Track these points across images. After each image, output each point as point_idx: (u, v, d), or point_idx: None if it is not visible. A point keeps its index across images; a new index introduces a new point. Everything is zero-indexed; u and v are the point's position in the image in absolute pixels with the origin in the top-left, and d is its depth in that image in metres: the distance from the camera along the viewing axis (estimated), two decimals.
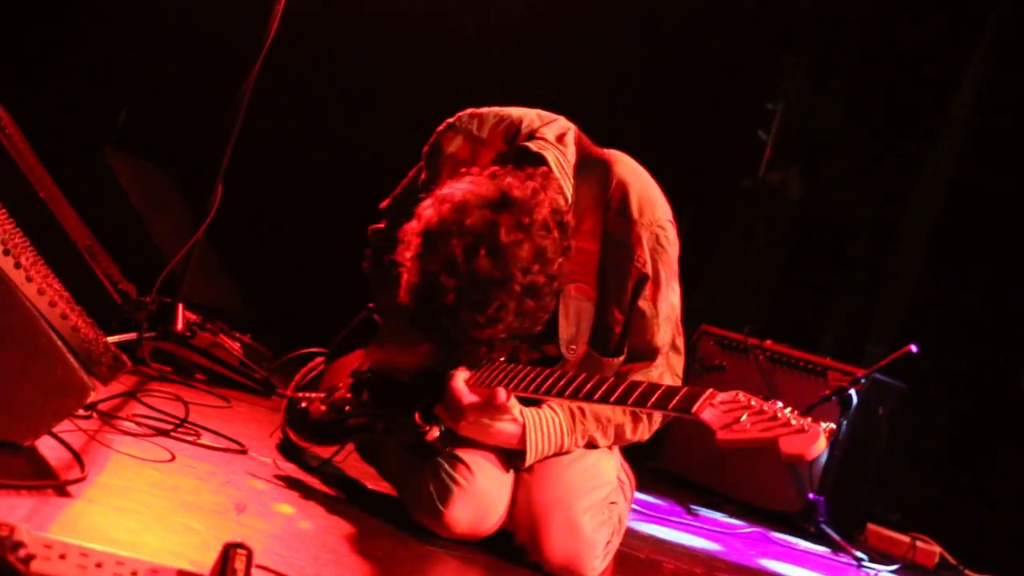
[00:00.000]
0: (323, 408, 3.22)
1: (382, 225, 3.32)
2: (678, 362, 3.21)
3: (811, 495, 5.81)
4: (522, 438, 2.95)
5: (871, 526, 6.32)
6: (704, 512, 5.45)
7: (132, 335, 4.04)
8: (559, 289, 2.85)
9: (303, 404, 3.27)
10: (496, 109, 3.15)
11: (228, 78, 4.63)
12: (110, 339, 2.58)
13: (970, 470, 7.14)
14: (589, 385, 2.68)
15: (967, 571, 6.23)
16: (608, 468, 3.14)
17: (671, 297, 3.10)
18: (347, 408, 3.17)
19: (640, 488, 3.45)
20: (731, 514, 5.64)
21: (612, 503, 3.12)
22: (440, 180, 2.98)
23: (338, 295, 3.37)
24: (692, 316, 6.22)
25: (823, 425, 2.36)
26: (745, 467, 5.91)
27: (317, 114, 6.63)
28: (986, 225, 7.67)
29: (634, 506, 3.45)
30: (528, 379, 2.81)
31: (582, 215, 3.01)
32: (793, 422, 2.35)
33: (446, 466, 2.97)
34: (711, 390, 2.46)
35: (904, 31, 7.96)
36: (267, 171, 6.12)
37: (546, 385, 2.78)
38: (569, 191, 2.97)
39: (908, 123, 8.12)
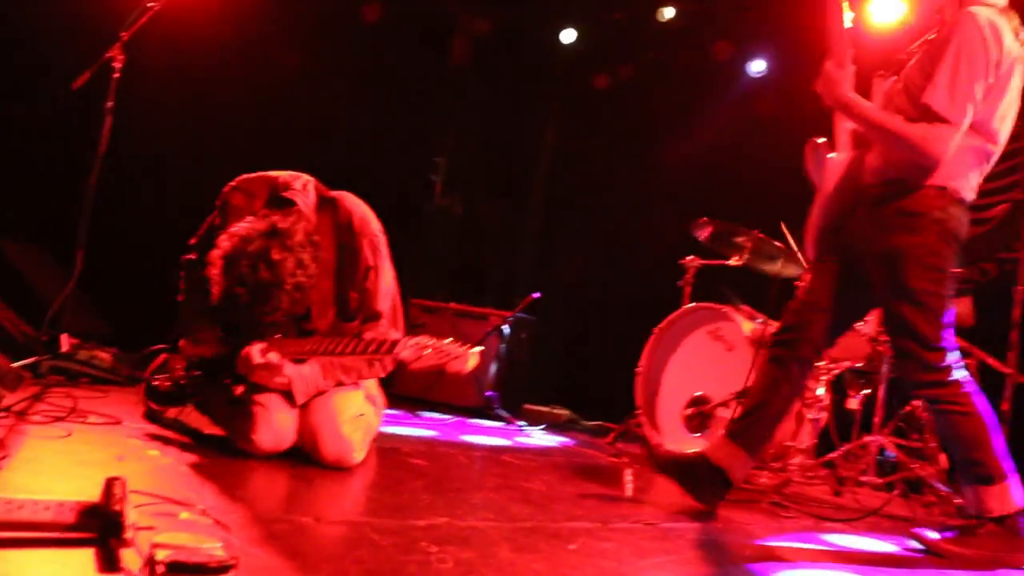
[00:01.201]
0: (168, 384, 3.16)
1: (193, 256, 3.28)
2: (399, 319, 3.29)
3: (488, 392, 5.97)
4: (291, 384, 2.98)
5: (526, 405, 6.53)
6: (425, 414, 5.49)
7: (34, 359, 3.86)
8: (315, 284, 2.96)
9: (155, 383, 3.20)
10: (263, 173, 3.21)
11: (82, 171, 4.39)
12: (16, 364, 2.48)
13: (575, 363, 7.45)
14: (334, 346, 2.77)
15: (583, 421, 6.52)
16: (355, 395, 3.19)
17: (387, 278, 3.20)
18: (183, 382, 3.13)
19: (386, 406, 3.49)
20: (442, 412, 5.69)
21: (361, 415, 3.18)
22: (229, 223, 3.00)
23: (172, 313, 3.31)
24: (403, 290, 6.23)
25: (471, 349, 2.50)
26: (445, 381, 5.90)
27: (156, 180, 6.34)
28: (564, 214, 7.99)
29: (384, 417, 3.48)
30: (297, 346, 2.93)
31: (323, 234, 3.07)
32: (451, 351, 2.47)
33: (251, 409, 2.97)
34: (402, 338, 2.58)
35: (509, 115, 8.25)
36: (120, 228, 5.82)
37: (307, 348, 2.86)
38: (313, 219, 3.02)
39: (519, 163, 8.45)
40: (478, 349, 2.59)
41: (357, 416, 3.14)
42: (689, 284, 5.58)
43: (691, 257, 5.60)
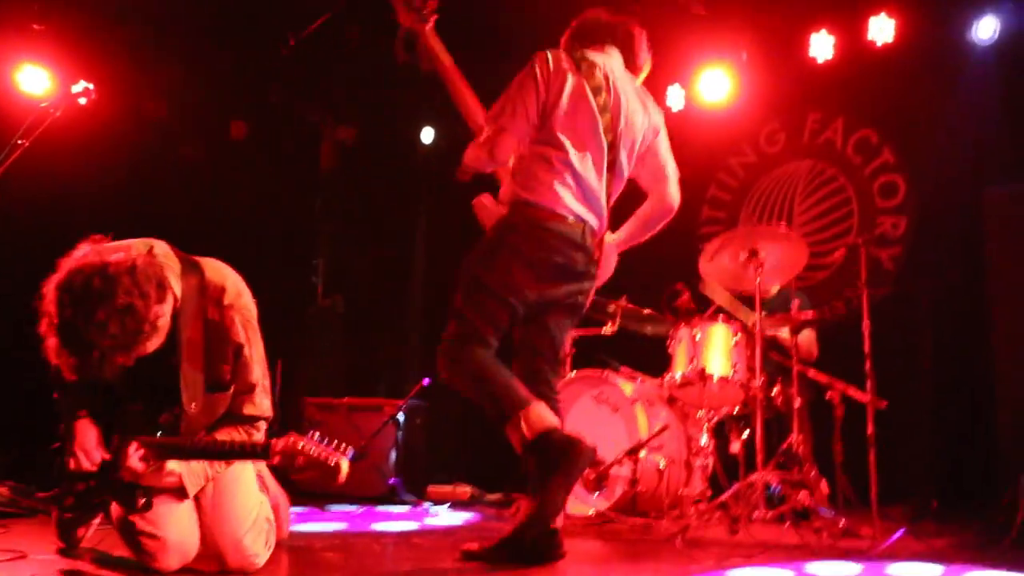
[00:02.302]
0: (71, 501, 2.85)
1: None
2: (267, 383, 3.04)
3: (392, 480, 5.88)
4: (181, 480, 2.82)
5: (430, 487, 6.44)
6: (332, 507, 5.36)
7: None
8: (155, 328, 2.58)
9: (64, 511, 2.86)
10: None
11: None
12: None
13: (471, 440, 7.40)
14: (205, 446, 2.72)
15: (486, 495, 6.48)
16: (254, 501, 3.03)
17: (258, 349, 2.97)
18: (69, 502, 2.84)
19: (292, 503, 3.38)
20: (348, 503, 5.56)
21: (266, 518, 3.06)
22: None
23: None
24: (297, 392, 6.15)
25: (342, 458, 2.49)
26: (349, 474, 5.84)
27: None
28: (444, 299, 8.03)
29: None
30: (173, 447, 2.75)
31: (189, 313, 2.76)
32: (323, 460, 2.47)
33: (146, 536, 2.80)
34: (270, 441, 2.58)
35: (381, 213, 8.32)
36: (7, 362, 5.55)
37: (180, 445, 2.75)
38: (179, 290, 2.73)
39: (395, 256, 8.51)
40: (347, 458, 2.54)
41: (261, 520, 3.01)
42: (569, 354, 5.68)
43: None
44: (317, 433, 2.62)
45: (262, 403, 3.00)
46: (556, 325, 3.39)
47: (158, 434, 2.78)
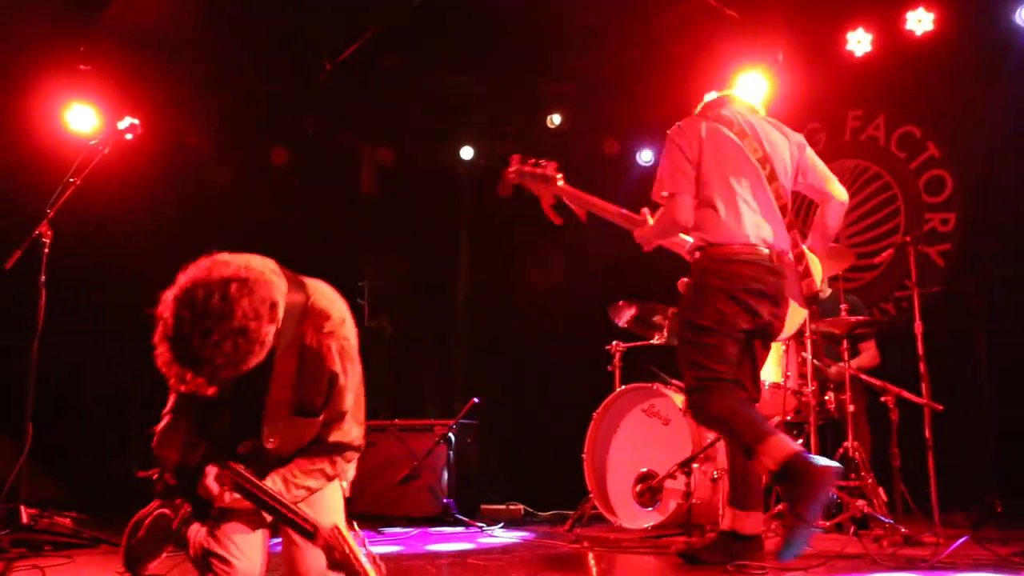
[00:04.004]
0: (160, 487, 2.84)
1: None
2: (361, 411, 2.96)
3: (445, 500, 5.88)
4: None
5: (483, 506, 6.45)
6: (387, 530, 5.37)
7: None
8: (263, 347, 2.56)
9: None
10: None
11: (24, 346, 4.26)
12: None
13: (522, 458, 7.41)
14: (270, 499, 2.63)
15: (539, 513, 6.46)
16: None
17: (354, 378, 2.88)
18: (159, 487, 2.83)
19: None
20: (403, 526, 5.57)
21: None
22: None
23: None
24: None
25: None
26: (403, 495, 5.92)
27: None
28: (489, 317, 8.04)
29: None
30: (245, 486, 2.68)
31: (286, 329, 2.70)
32: (359, 569, 2.41)
33: (217, 560, 2.74)
34: (321, 531, 2.49)
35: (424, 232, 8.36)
36: (66, 394, 5.68)
37: (251, 495, 2.68)
38: (282, 310, 2.64)
39: (439, 275, 8.54)
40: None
41: None
42: (617, 368, 5.66)
43: (615, 342, 5.70)
44: (362, 532, 2.62)
45: (351, 431, 2.90)
46: (756, 350, 3.70)
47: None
